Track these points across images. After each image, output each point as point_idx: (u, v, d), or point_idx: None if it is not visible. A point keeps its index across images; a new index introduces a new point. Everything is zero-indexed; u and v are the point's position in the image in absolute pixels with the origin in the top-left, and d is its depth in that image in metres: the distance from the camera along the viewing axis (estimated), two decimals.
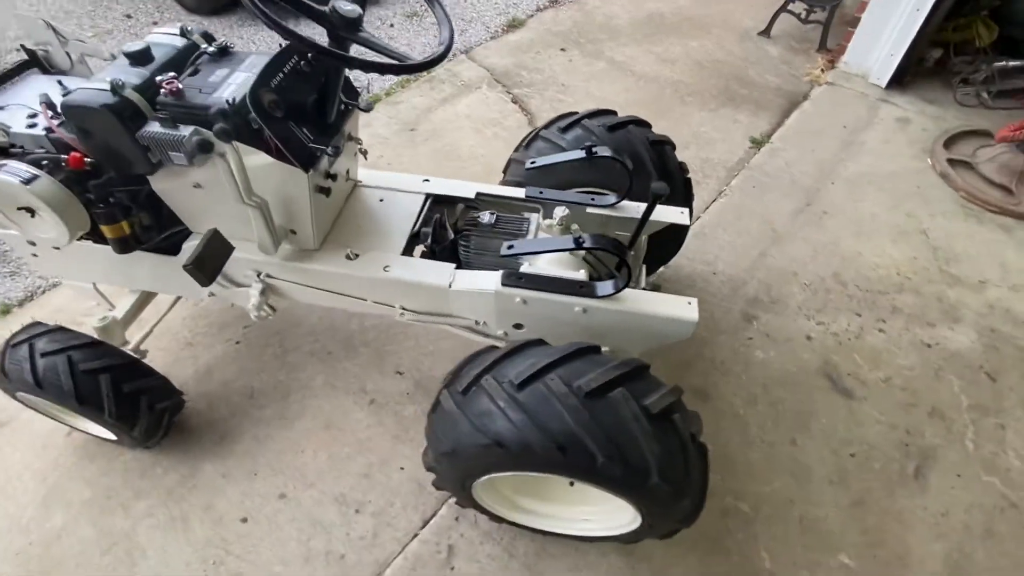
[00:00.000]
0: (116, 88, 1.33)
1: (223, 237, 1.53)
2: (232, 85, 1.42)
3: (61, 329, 1.73)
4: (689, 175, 2.08)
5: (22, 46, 1.77)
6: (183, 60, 1.51)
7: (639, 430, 1.25)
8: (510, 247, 1.51)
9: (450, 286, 1.59)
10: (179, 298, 2.10)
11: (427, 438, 1.53)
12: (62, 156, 1.47)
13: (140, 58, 1.45)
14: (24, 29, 1.75)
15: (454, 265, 1.64)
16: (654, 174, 1.94)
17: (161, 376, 1.88)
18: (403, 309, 1.70)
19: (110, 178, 1.52)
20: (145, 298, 2.01)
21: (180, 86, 1.37)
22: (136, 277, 1.88)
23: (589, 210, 1.81)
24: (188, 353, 2.31)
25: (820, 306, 2.50)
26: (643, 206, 1.82)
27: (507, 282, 1.54)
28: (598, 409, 1.25)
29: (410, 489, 1.95)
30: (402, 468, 1.99)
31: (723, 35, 4.22)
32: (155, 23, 4.29)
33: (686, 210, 1.83)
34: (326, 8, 1.28)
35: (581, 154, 1.74)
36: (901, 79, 3.64)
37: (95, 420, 1.76)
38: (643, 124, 2.04)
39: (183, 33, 1.55)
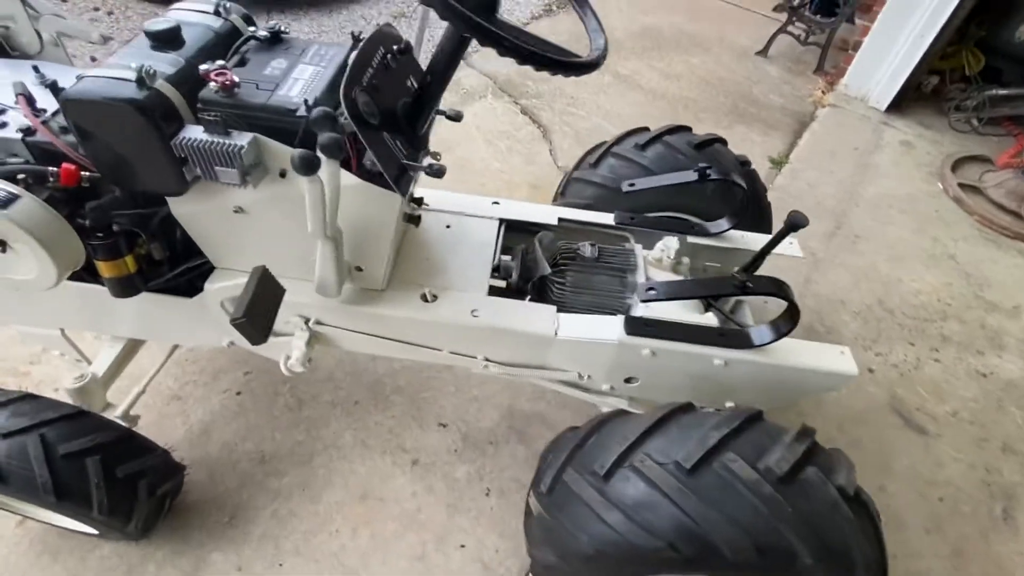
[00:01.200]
0: (145, 78, 0.96)
1: (273, 277, 1.17)
2: (299, 81, 1.09)
3: (28, 396, 1.29)
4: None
5: None
6: (223, 46, 1.16)
7: (843, 519, 1.02)
8: (651, 290, 1.24)
9: (556, 334, 1.30)
10: (176, 347, 1.68)
11: (536, 533, 1.23)
12: (49, 169, 1.07)
13: (168, 40, 1.08)
14: None
15: (555, 308, 1.36)
16: (743, 197, 1.75)
17: (162, 450, 1.46)
18: (487, 361, 1.40)
19: (114, 198, 1.14)
20: (131, 347, 1.58)
21: (236, 79, 1.01)
22: (126, 322, 1.46)
23: (690, 239, 1.58)
24: (176, 409, 1.87)
25: (874, 336, 2.40)
26: (744, 235, 1.62)
27: (633, 330, 1.28)
28: (794, 496, 1.01)
29: (475, 571, 1.62)
30: (462, 546, 1.67)
31: (722, 53, 4.17)
32: (95, 8, 3.71)
33: (794, 240, 1.64)
34: None
35: (692, 176, 1.51)
36: (899, 103, 3.70)
37: (77, 518, 1.33)
38: (724, 142, 1.85)
39: (218, 11, 1.19)
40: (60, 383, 1.90)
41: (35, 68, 1.21)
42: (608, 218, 1.63)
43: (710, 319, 1.33)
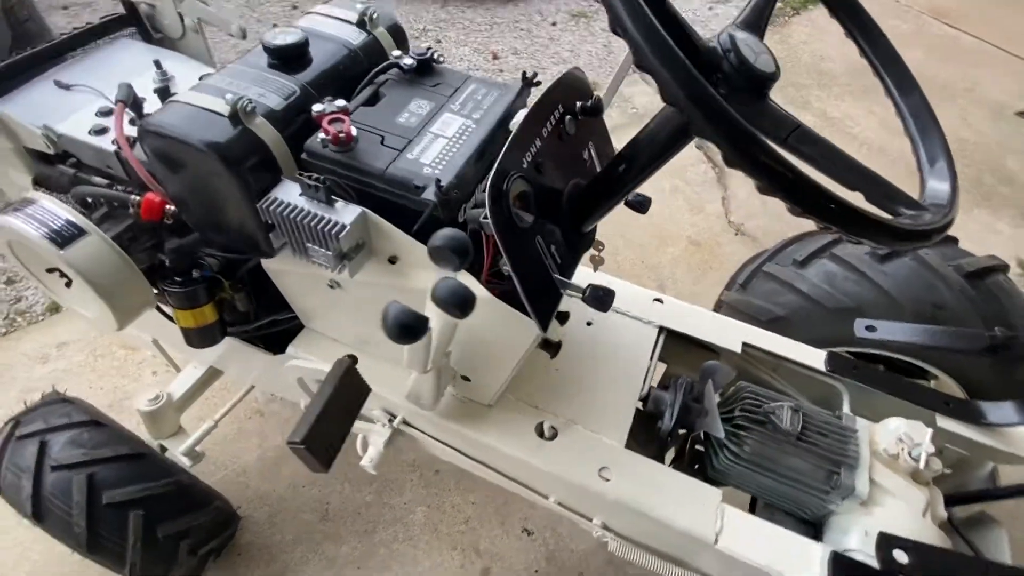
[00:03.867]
0: (240, 113, 0.70)
1: (359, 376, 0.89)
2: (439, 139, 0.77)
3: (93, 424, 1.16)
4: None
5: None
6: (359, 70, 0.88)
7: None
8: (899, 549, 0.78)
9: (716, 541, 0.89)
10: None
11: None
12: (131, 198, 0.86)
13: (290, 58, 0.82)
14: None
15: (719, 495, 0.94)
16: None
17: (217, 502, 1.29)
18: (606, 530, 1.02)
19: (199, 239, 0.91)
20: (214, 372, 1.43)
21: (353, 132, 0.72)
22: (211, 353, 1.29)
23: (941, 423, 1.06)
24: (255, 426, 1.74)
25: None
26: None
27: (842, 573, 0.83)
28: None
29: None
30: None
31: (970, 108, 3.29)
32: None
33: None
34: (714, 42, 0.60)
35: (979, 343, 1.00)
36: None
37: (105, 566, 1.18)
38: (1006, 269, 1.27)
39: (362, 21, 0.91)
40: (160, 365, 1.86)
41: (157, 63, 1.03)
42: (816, 356, 1.15)
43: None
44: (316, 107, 0.75)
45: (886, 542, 0.80)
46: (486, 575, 1.51)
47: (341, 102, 0.75)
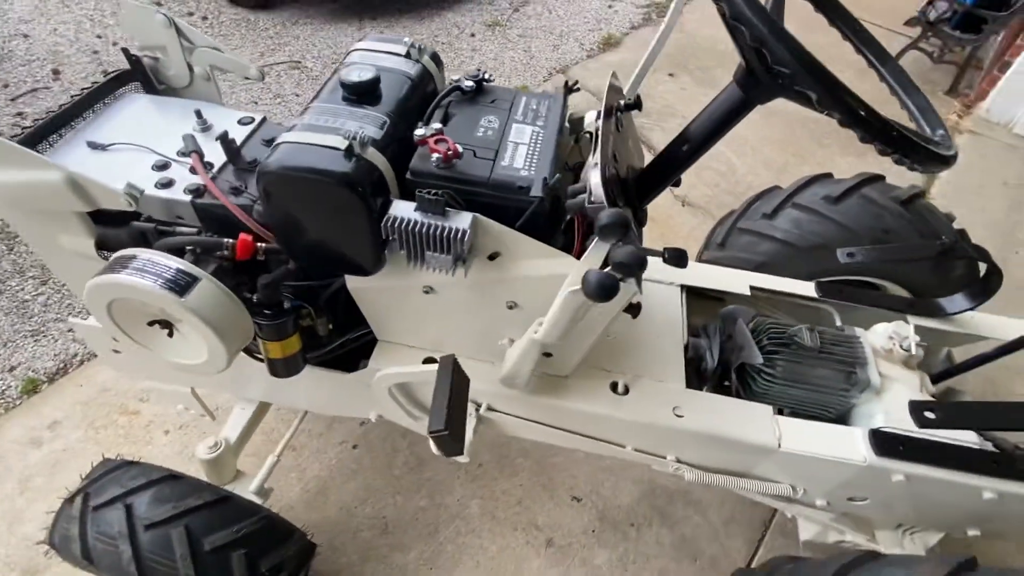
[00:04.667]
0: (358, 146, 0.79)
1: (462, 369, 0.99)
2: (520, 146, 0.90)
3: (170, 478, 1.15)
4: None
5: (124, 51, 1.19)
6: (419, 98, 0.98)
7: None
8: (928, 411, 1.00)
9: (779, 445, 1.08)
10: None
11: None
12: (225, 241, 0.91)
13: (367, 93, 0.90)
14: (129, 25, 1.18)
15: (771, 409, 1.13)
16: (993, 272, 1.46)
17: (300, 532, 1.31)
18: (679, 462, 1.18)
19: (287, 271, 0.97)
20: (263, 408, 1.44)
21: (459, 148, 0.83)
22: (266, 388, 1.32)
23: (913, 321, 1.33)
24: (291, 461, 1.74)
25: None
26: (974, 316, 1.36)
27: (885, 451, 1.04)
28: None
29: None
30: None
31: (844, 70, 3.79)
32: (190, 13, 3.67)
33: None
34: None
35: (932, 250, 1.26)
36: None
37: None
38: (923, 195, 1.58)
39: (409, 53, 1.01)
40: (170, 423, 1.80)
41: (198, 113, 1.06)
42: (807, 287, 1.39)
43: (969, 435, 1.09)
44: (418, 131, 0.84)
45: (917, 407, 1.02)
46: (550, 545, 1.63)
47: (437, 124, 0.85)
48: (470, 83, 0.97)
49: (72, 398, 1.83)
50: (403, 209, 0.83)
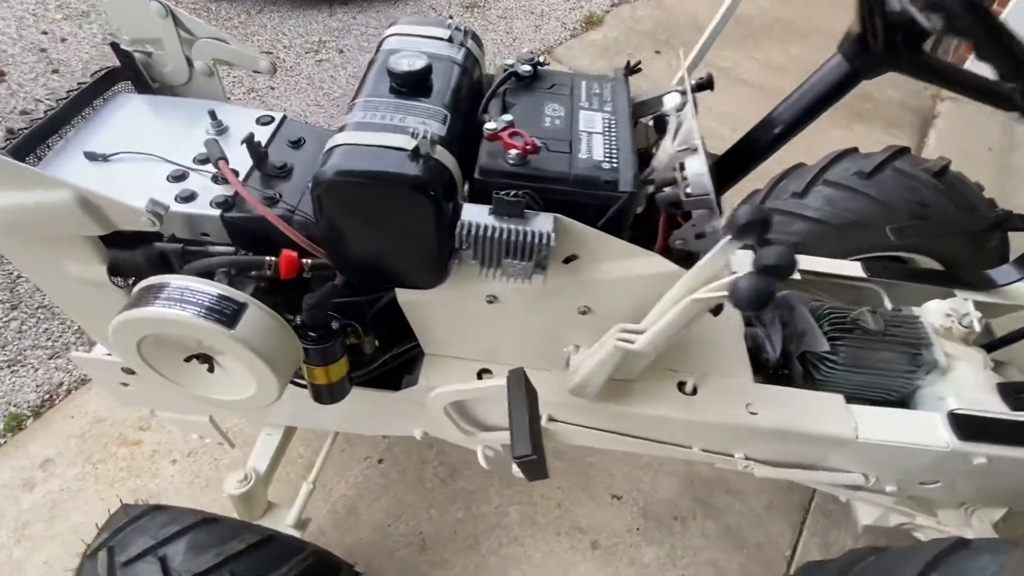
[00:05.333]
0: (427, 145, 0.69)
1: (530, 382, 0.91)
2: (595, 136, 0.82)
3: (206, 521, 1.04)
4: None
5: (113, 45, 1.05)
6: (469, 87, 0.88)
7: None
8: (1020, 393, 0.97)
9: (856, 436, 1.04)
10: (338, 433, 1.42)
11: None
12: (267, 259, 0.80)
13: (417, 84, 0.80)
14: (118, 15, 1.03)
15: (842, 398, 1.09)
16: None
17: (348, 565, 1.22)
18: (749, 460, 1.13)
19: (333, 288, 0.87)
20: (289, 434, 1.33)
21: (538, 143, 0.74)
22: (291, 411, 1.21)
23: (963, 295, 1.30)
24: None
25: None
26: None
27: (967, 434, 1.01)
28: None
29: None
30: None
31: (822, 41, 3.79)
32: None
33: None
34: None
35: (983, 223, 1.24)
36: None
37: None
38: (948, 165, 1.56)
39: (452, 37, 0.91)
40: (176, 451, 1.67)
41: (212, 114, 0.94)
42: (852, 267, 1.35)
43: None
44: (488, 125, 0.74)
45: (1007, 390, 0.99)
46: (596, 547, 1.58)
47: (508, 116, 0.75)
48: (527, 68, 0.87)
49: (63, 432, 1.68)
50: (476, 214, 0.73)
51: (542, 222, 0.74)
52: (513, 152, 0.73)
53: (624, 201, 0.75)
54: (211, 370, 0.81)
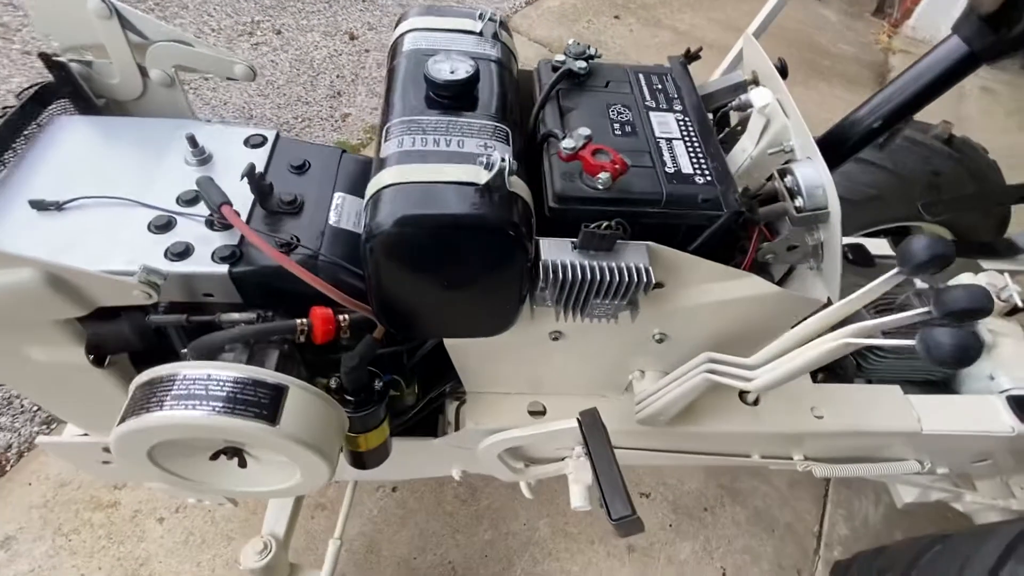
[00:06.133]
0: (504, 176, 0.56)
1: (603, 423, 0.81)
2: (676, 143, 0.71)
3: None
4: None
5: (43, 56, 0.84)
6: (516, 89, 0.74)
7: None
8: None
9: (921, 429, 1.01)
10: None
11: None
12: (298, 322, 0.65)
13: (463, 95, 0.66)
14: (45, 18, 0.82)
15: (898, 389, 1.06)
16: None
17: None
18: (808, 460, 1.09)
19: (371, 343, 0.73)
20: None
21: (628, 161, 0.62)
22: None
23: (988, 265, 1.29)
24: (325, 522, 1.49)
25: None
26: None
27: None
28: None
29: None
30: None
31: None
32: None
33: None
34: None
35: (1020, 192, 1.21)
36: None
37: None
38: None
39: (484, 30, 0.76)
40: (162, 507, 1.48)
41: (191, 140, 0.76)
42: (879, 244, 1.31)
43: None
44: (565, 143, 0.61)
45: None
46: (632, 550, 1.53)
47: (585, 130, 0.62)
48: (582, 64, 0.74)
49: (22, 503, 1.45)
50: (558, 251, 0.61)
51: (635, 254, 0.62)
52: (603, 176, 0.60)
53: (726, 220, 0.64)
54: (243, 463, 0.66)
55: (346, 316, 0.68)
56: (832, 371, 1.15)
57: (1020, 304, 1.14)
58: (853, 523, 1.63)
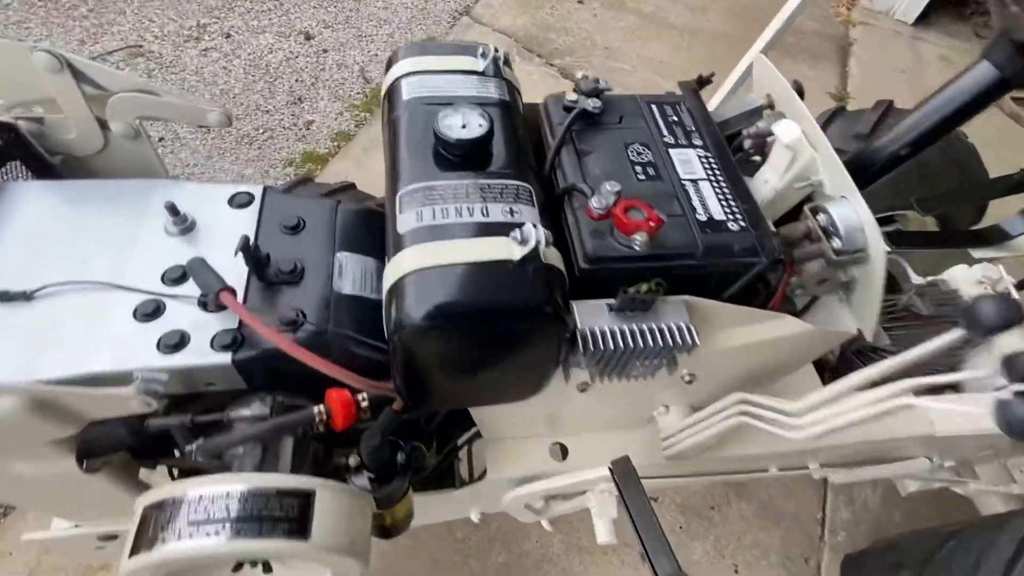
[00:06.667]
0: (539, 249, 0.52)
1: (635, 472, 0.79)
2: (701, 184, 0.67)
3: None
4: None
5: None
6: (527, 133, 0.69)
7: None
8: None
9: (935, 433, 1.02)
10: None
11: None
12: (316, 410, 0.60)
13: (478, 154, 0.61)
14: None
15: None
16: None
17: None
18: (824, 467, 1.10)
19: (390, 418, 0.68)
20: None
21: (663, 216, 0.58)
22: None
23: (977, 254, 1.31)
24: None
25: None
26: None
27: None
28: None
29: None
30: None
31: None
32: None
33: None
34: None
35: (1011, 181, 1.22)
36: (927, 14, 3.53)
37: None
38: None
39: (486, 69, 0.71)
40: None
41: (172, 209, 0.68)
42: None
43: None
44: (595, 203, 0.57)
45: None
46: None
47: (614, 185, 0.58)
48: (596, 102, 0.69)
49: (5, 571, 1.36)
50: (594, 316, 0.57)
51: (674, 313, 0.59)
52: (640, 237, 0.56)
53: (764, 268, 0.61)
54: (268, 569, 0.61)
55: (364, 395, 0.63)
56: (841, 374, 1.15)
57: (1014, 295, 1.16)
58: (854, 507, 1.67)
